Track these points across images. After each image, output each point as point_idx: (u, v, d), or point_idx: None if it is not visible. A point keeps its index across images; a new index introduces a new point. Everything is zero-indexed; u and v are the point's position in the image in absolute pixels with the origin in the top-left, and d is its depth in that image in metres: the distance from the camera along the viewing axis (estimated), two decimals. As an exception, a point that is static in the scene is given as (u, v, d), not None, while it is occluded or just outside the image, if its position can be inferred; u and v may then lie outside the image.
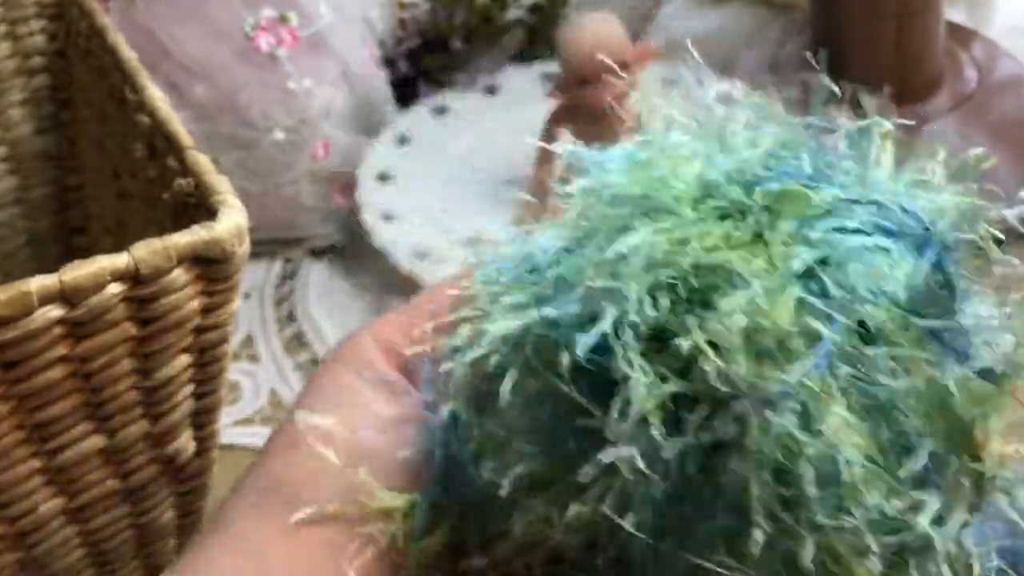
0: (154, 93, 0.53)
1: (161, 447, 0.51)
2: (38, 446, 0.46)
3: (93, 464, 0.49)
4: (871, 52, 0.82)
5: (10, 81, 0.65)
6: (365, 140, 0.78)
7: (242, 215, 0.45)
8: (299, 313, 0.74)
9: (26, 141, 0.67)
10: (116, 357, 0.45)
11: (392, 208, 0.74)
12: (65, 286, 0.41)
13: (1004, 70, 0.86)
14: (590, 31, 0.67)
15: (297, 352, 0.72)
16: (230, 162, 0.73)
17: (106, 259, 0.42)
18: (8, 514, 0.48)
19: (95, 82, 0.60)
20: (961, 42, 0.88)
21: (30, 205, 0.69)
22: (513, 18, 0.84)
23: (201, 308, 0.46)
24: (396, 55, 0.84)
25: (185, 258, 0.43)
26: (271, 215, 0.75)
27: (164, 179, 0.51)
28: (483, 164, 0.78)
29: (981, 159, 0.32)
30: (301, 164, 0.74)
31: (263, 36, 0.72)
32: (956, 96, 0.83)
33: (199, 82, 0.72)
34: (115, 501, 0.52)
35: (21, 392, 0.43)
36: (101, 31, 0.58)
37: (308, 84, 0.73)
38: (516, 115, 0.81)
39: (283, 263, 0.78)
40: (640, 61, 0.68)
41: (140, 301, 0.43)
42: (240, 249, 0.45)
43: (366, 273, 0.77)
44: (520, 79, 0.84)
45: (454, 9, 0.82)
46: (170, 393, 0.48)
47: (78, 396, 0.46)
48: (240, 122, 0.72)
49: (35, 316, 0.41)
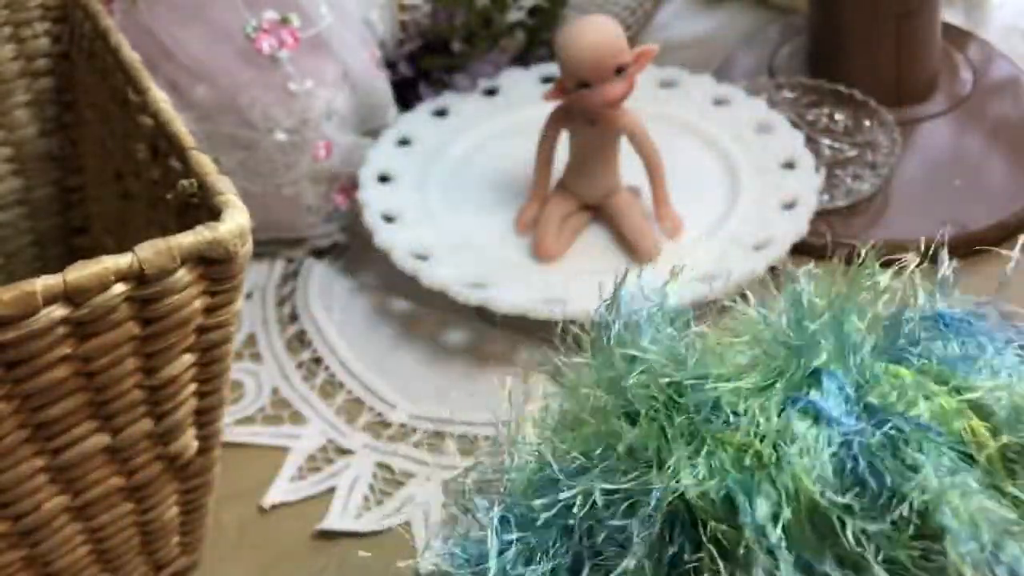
0: (157, 94, 0.53)
1: (164, 446, 0.51)
2: (41, 444, 0.47)
3: (96, 462, 0.49)
4: (868, 54, 0.83)
5: (14, 83, 0.66)
6: (366, 141, 0.79)
7: (245, 215, 0.45)
8: (301, 312, 0.75)
9: (30, 142, 0.68)
10: (120, 356, 0.45)
11: (393, 209, 0.75)
12: (69, 286, 0.41)
13: (1000, 72, 0.86)
14: (589, 33, 0.67)
15: (299, 351, 0.72)
16: (231, 163, 0.73)
17: (110, 259, 0.42)
18: (11, 512, 0.48)
19: (98, 84, 0.60)
20: (957, 44, 0.88)
21: (34, 206, 0.70)
22: (513, 20, 0.84)
23: (204, 308, 0.46)
24: (397, 57, 0.84)
25: (188, 258, 0.44)
26: (272, 215, 0.75)
27: (167, 180, 0.51)
28: (483, 165, 0.79)
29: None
30: (302, 165, 0.74)
31: (264, 38, 0.73)
32: (952, 98, 0.84)
33: (201, 83, 0.72)
34: (118, 499, 0.52)
35: (25, 391, 0.44)
36: (104, 33, 0.58)
37: (309, 85, 0.73)
38: (516, 117, 0.81)
39: (285, 263, 0.78)
40: (639, 63, 0.68)
41: (144, 301, 0.44)
42: (243, 249, 0.45)
43: (367, 273, 0.77)
44: (520, 81, 0.84)
45: (454, 11, 0.82)
46: (173, 392, 0.49)
47: (82, 395, 0.46)
48: (241, 123, 0.73)
49: (39, 316, 0.41)
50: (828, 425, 0.33)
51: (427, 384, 0.69)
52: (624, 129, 0.71)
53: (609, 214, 0.72)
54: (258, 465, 0.65)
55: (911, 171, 0.79)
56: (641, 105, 0.73)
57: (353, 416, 0.68)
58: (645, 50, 0.69)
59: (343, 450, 0.66)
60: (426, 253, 0.71)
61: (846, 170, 0.78)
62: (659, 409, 0.35)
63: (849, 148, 0.80)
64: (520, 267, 0.71)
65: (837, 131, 0.81)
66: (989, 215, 0.75)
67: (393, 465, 0.65)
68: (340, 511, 0.63)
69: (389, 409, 0.68)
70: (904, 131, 0.80)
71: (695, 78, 0.83)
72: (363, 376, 0.70)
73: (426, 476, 0.64)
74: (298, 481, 0.65)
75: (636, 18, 0.93)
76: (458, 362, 0.70)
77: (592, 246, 0.72)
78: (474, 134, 0.81)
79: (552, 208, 0.72)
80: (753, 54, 0.90)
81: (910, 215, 0.76)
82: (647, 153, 0.71)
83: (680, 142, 0.78)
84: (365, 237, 0.74)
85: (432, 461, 0.65)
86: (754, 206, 0.73)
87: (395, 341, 0.72)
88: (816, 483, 0.32)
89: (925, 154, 0.80)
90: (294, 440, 0.67)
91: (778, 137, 0.77)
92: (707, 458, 0.33)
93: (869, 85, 0.82)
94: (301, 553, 0.61)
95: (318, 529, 0.62)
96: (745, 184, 0.74)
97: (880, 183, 0.77)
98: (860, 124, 0.81)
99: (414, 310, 0.74)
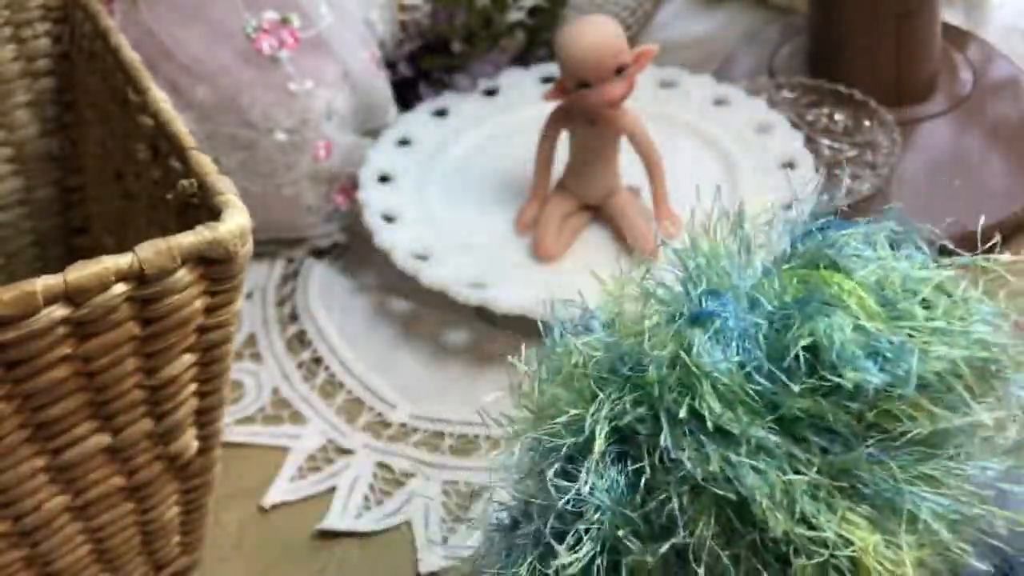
0: (157, 95, 0.53)
1: (165, 445, 0.51)
2: (42, 444, 0.47)
3: (97, 462, 0.49)
4: (868, 54, 0.83)
5: (15, 83, 0.66)
6: (366, 141, 0.79)
7: (245, 215, 0.45)
8: (301, 312, 0.75)
9: (31, 142, 0.68)
10: (120, 356, 0.45)
11: (393, 209, 0.75)
12: (70, 286, 0.42)
13: (1000, 72, 0.86)
14: (589, 33, 0.67)
15: (299, 351, 0.73)
16: (232, 163, 0.73)
17: (111, 259, 0.42)
18: (12, 512, 0.48)
19: (99, 84, 0.60)
20: (957, 44, 0.88)
21: (34, 206, 0.70)
22: (513, 20, 0.84)
23: (204, 308, 0.46)
24: (397, 57, 0.84)
25: (189, 258, 0.44)
26: (273, 215, 0.76)
27: (167, 180, 0.51)
28: (483, 165, 0.79)
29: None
30: (302, 165, 0.74)
31: (264, 38, 0.73)
32: (952, 98, 0.84)
33: (201, 83, 0.72)
34: (119, 499, 0.52)
35: (25, 391, 0.44)
36: (105, 33, 0.58)
37: (309, 85, 0.73)
38: (516, 117, 0.81)
39: (285, 263, 0.78)
40: (639, 63, 0.68)
41: (144, 301, 0.44)
42: (243, 249, 0.45)
43: (367, 273, 0.77)
44: (520, 81, 0.84)
45: (454, 11, 0.83)
46: (173, 392, 0.49)
47: (82, 395, 0.46)
48: (242, 123, 0.73)
49: (40, 316, 0.41)
50: (722, 329, 0.40)
51: (427, 384, 0.70)
52: (624, 129, 0.71)
53: (609, 214, 0.73)
54: (258, 465, 0.65)
55: (911, 171, 0.79)
56: (641, 105, 0.73)
57: (353, 416, 0.68)
58: (645, 50, 0.69)
59: (343, 450, 0.66)
60: (426, 253, 0.72)
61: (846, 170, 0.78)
62: (595, 382, 0.42)
63: (849, 148, 0.80)
64: (520, 267, 0.71)
65: (837, 131, 0.81)
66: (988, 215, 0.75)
67: (393, 465, 0.65)
68: (340, 511, 0.63)
69: (389, 409, 0.68)
70: (904, 131, 0.80)
71: (695, 78, 0.83)
72: (363, 376, 0.70)
73: (426, 476, 0.64)
74: (298, 481, 0.65)
75: (636, 18, 0.93)
76: (458, 362, 0.71)
77: (592, 246, 0.72)
78: (474, 134, 0.81)
79: (552, 208, 0.72)
80: (753, 54, 0.90)
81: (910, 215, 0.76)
82: (647, 153, 0.71)
83: (680, 142, 0.78)
84: (365, 237, 0.74)
85: (432, 461, 0.65)
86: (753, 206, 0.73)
87: (395, 341, 0.72)
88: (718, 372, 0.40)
89: (925, 154, 0.80)
90: (294, 440, 0.67)
91: (778, 137, 0.78)
92: (632, 393, 0.41)
93: (869, 85, 0.82)
94: (301, 553, 0.61)
95: (318, 529, 0.62)
96: (745, 184, 0.74)
97: (880, 183, 0.77)
98: (860, 124, 0.81)
99: (414, 310, 0.74)
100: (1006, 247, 0.46)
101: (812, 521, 0.38)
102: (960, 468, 0.40)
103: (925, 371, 0.39)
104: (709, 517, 0.39)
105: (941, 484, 0.40)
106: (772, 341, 0.40)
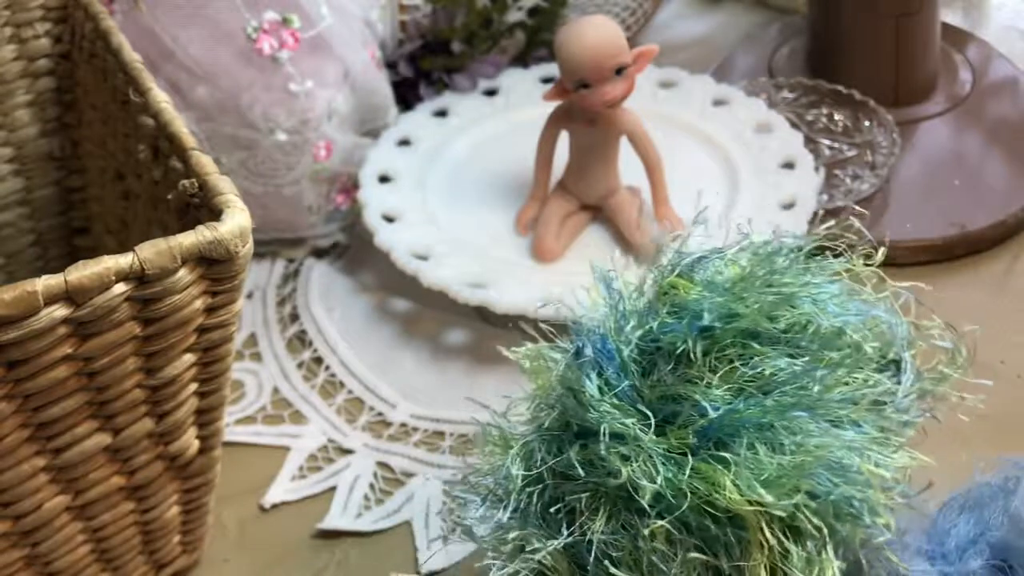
0: (158, 95, 0.53)
1: (165, 445, 0.51)
2: (42, 444, 0.47)
3: (97, 462, 0.50)
4: (868, 54, 0.83)
5: (16, 83, 0.66)
6: (366, 141, 0.79)
7: (246, 216, 0.45)
8: (301, 312, 0.75)
9: (31, 142, 0.68)
10: (121, 356, 0.45)
11: (393, 209, 0.75)
12: (70, 286, 0.42)
13: (999, 72, 0.86)
14: (589, 34, 0.67)
15: (299, 351, 0.73)
16: (232, 163, 0.73)
17: (111, 259, 0.42)
18: (12, 512, 0.48)
19: (99, 84, 0.60)
20: (956, 44, 0.88)
21: (35, 206, 0.70)
22: (513, 21, 0.84)
23: (205, 308, 0.46)
24: (397, 57, 0.84)
25: (189, 258, 0.44)
26: (273, 215, 0.76)
27: (168, 180, 0.51)
28: (483, 165, 0.79)
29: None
30: (303, 165, 0.74)
31: (265, 38, 0.73)
32: (951, 98, 0.84)
33: (202, 84, 0.72)
34: (119, 498, 0.52)
35: (26, 390, 0.44)
36: (105, 33, 0.58)
37: (310, 86, 0.73)
38: (516, 117, 0.81)
39: (285, 263, 0.78)
40: (639, 64, 0.68)
41: (145, 301, 0.44)
42: (244, 249, 0.45)
43: (367, 273, 0.77)
44: (520, 81, 0.84)
45: (454, 12, 0.83)
46: (174, 392, 0.49)
47: (83, 394, 0.46)
48: (242, 123, 0.73)
49: (40, 315, 0.41)
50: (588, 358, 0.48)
51: (427, 384, 0.70)
52: (624, 129, 0.71)
53: (609, 214, 0.73)
54: (259, 464, 0.66)
55: (910, 171, 0.79)
56: (641, 105, 0.73)
57: (353, 416, 0.68)
58: (645, 50, 0.69)
59: (343, 450, 0.66)
60: (426, 253, 0.72)
61: (845, 170, 0.78)
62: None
63: (848, 148, 0.80)
64: (520, 267, 0.71)
65: (836, 131, 0.81)
66: (988, 215, 0.75)
67: (393, 465, 0.65)
68: (340, 511, 0.63)
69: (389, 409, 0.68)
70: (903, 131, 0.80)
71: (695, 78, 0.83)
72: (363, 376, 0.70)
73: (426, 476, 0.64)
74: (298, 480, 0.65)
75: (636, 18, 0.94)
76: (458, 362, 0.71)
77: (592, 246, 0.73)
78: (474, 134, 0.81)
79: (552, 208, 0.72)
80: (753, 54, 0.91)
81: (909, 215, 0.76)
82: (647, 153, 0.71)
83: (680, 142, 0.78)
84: (365, 237, 0.74)
85: (432, 461, 0.65)
86: (753, 206, 0.73)
87: (395, 341, 0.72)
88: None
89: (924, 154, 0.80)
90: (295, 440, 0.67)
91: (777, 137, 0.78)
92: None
93: (868, 85, 0.82)
94: (301, 552, 0.61)
95: (318, 529, 0.62)
96: (744, 184, 0.74)
97: (879, 183, 0.77)
98: (859, 124, 0.81)
99: (414, 310, 0.74)
100: (1006, 247, 0.46)
101: (671, 479, 0.44)
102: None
103: (737, 322, 0.47)
104: (605, 509, 0.46)
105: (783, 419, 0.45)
106: (636, 356, 0.48)
